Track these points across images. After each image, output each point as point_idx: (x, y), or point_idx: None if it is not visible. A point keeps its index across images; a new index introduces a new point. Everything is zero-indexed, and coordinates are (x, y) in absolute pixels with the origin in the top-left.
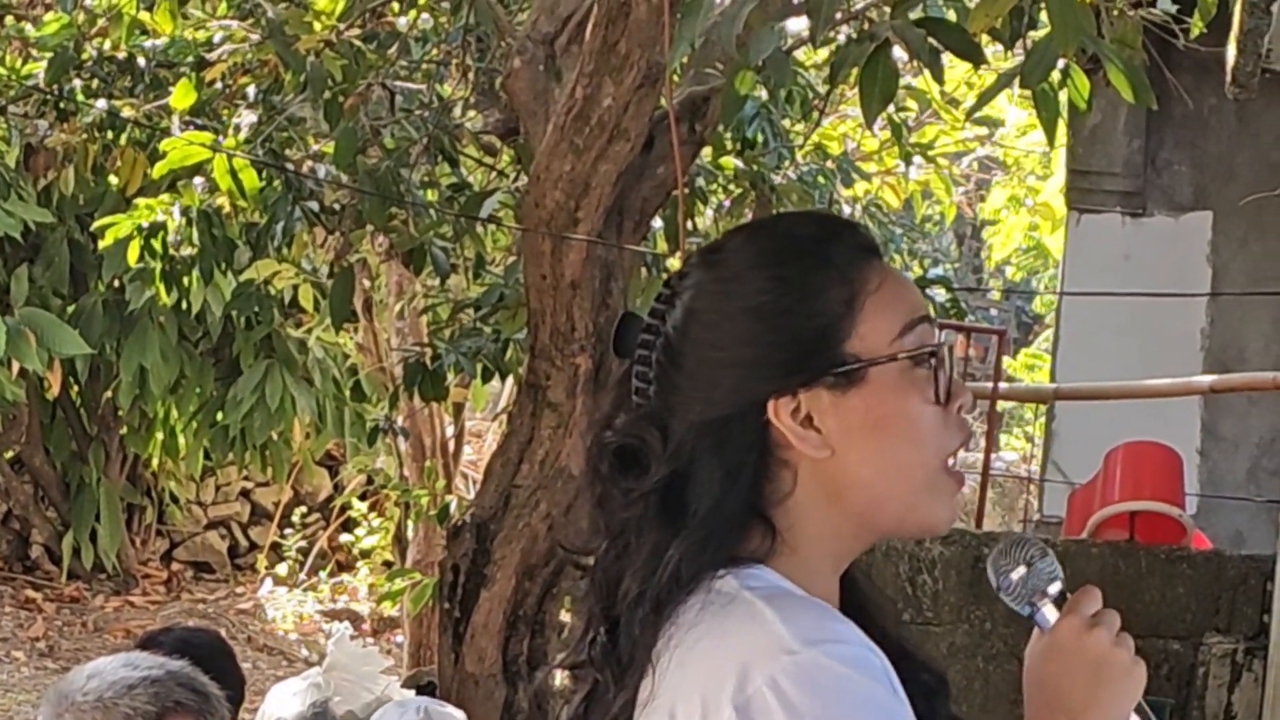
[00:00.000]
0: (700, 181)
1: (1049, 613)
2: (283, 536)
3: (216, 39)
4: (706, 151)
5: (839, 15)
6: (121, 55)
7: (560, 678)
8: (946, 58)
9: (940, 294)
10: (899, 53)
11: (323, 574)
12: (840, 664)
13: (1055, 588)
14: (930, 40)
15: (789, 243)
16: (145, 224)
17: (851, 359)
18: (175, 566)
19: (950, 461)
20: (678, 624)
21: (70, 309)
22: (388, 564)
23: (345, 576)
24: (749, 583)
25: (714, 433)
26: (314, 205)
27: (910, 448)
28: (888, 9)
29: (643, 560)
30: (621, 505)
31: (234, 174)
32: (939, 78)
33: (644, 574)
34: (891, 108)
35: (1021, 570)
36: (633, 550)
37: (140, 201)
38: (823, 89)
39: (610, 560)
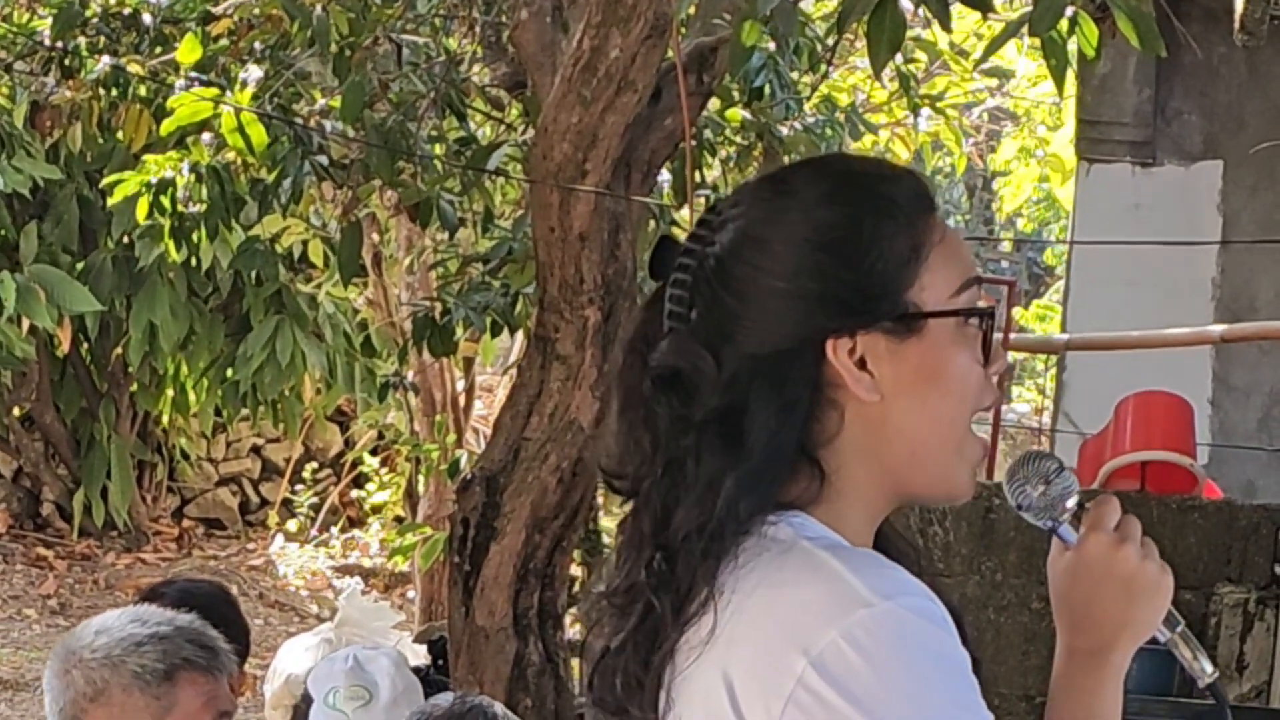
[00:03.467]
0: (708, 133)
1: (1069, 526)
2: (294, 492)
3: None
4: (714, 103)
5: None
6: (127, 11)
7: (573, 630)
8: (955, 7)
9: None
10: (906, 2)
11: (334, 530)
12: (915, 616)
13: (1073, 501)
14: None
15: (860, 183)
16: (154, 180)
17: (913, 307)
18: (186, 523)
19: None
20: (733, 565)
21: (80, 266)
22: (399, 519)
23: (356, 532)
24: (804, 532)
25: (772, 366)
26: (322, 160)
27: (953, 403)
28: None
29: (701, 491)
30: (673, 430)
31: (242, 130)
32: (947, 27)
33: (701, 506)
34: (900, 58)
35: (1040, 487)
36: (690, 479)
37: (149, 158)
38: (830, 40)
39: (665, 487)
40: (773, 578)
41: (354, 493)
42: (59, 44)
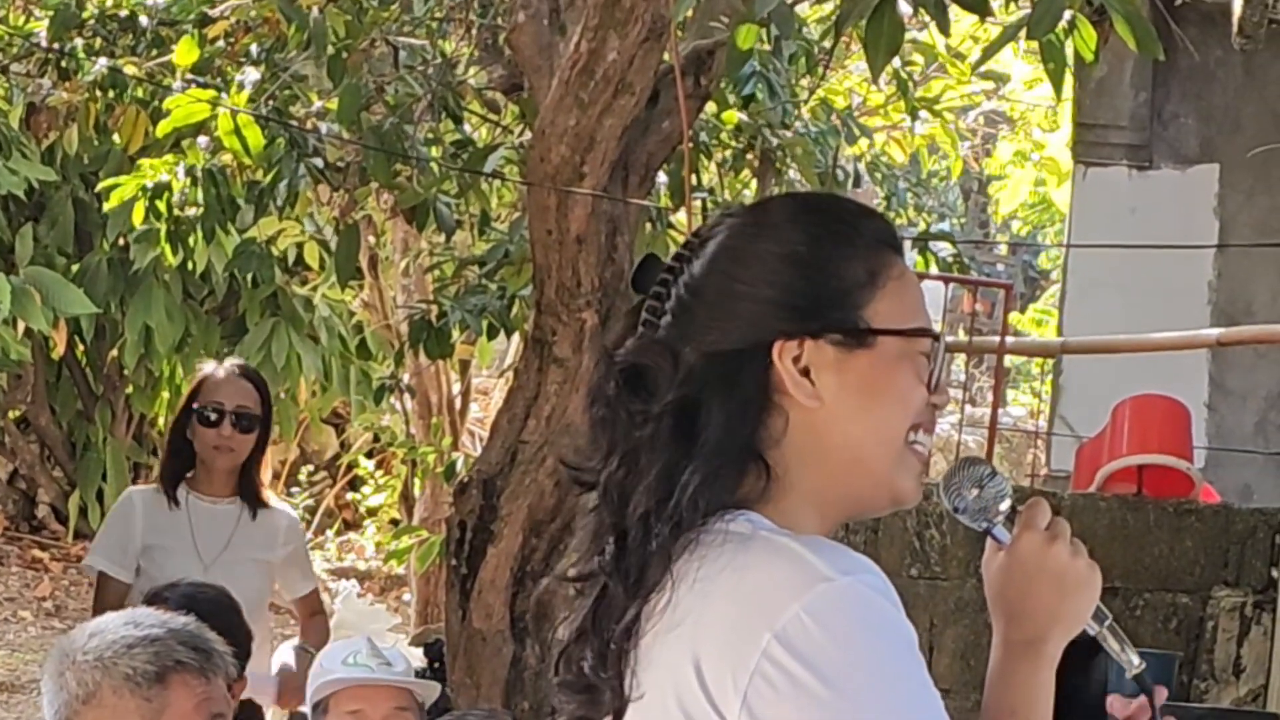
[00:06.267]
0: (704, 136)
1: (1003, 528)
2: (289, 495)
3: None
4: (710, 106)
5: None
6: (124, 13)
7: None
8: (953, 10)
9: (946, 249)
10: (905, 6)
11: (330, 532)
12: (873, 592)
13: (1006, 504)
14: None
15: (828, 211)
16: (150, 184)
17: (864, 324)
18: None
19: (913, 438)
20: (694, 552)
21: (75, 268)
22: (394, 522)
23: (352, 535)
24: (761, 525)
25: (724, 364)
26: (318, 162)
27: (895, 418)
28: None
29: (654, 479)
30: (630, 425)
31: (238, 132)
32: (945, 31)
33: (657, 493)
34: (897, 61)
35: (975, 491)
36: (644, 468)
37: (145, 161)
38: (827, 45)
39: (620, 476)
40: (737, 562)
41: (349, 495)
42: (55, 46)
